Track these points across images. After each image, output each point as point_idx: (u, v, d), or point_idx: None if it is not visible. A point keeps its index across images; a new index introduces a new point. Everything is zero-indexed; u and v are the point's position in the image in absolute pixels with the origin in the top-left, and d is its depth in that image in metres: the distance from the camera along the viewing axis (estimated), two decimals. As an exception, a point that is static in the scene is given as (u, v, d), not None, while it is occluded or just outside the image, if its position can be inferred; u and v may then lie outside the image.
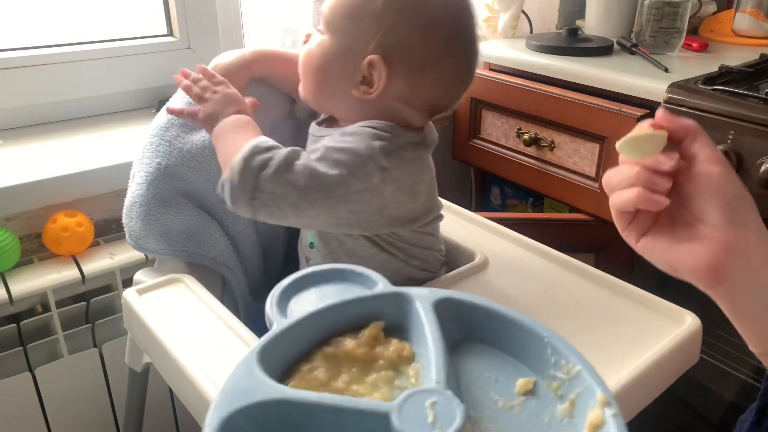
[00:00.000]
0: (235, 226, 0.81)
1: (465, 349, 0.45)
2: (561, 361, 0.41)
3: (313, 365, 0.43)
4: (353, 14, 0.65)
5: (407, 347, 0.44)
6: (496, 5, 1.41)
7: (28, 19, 1.10)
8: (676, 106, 1.01)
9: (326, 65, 0.68)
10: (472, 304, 0.45)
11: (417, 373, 0.42)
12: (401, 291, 0.46)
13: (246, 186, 0.62)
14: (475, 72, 0.71)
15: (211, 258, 0.78)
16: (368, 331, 0.45)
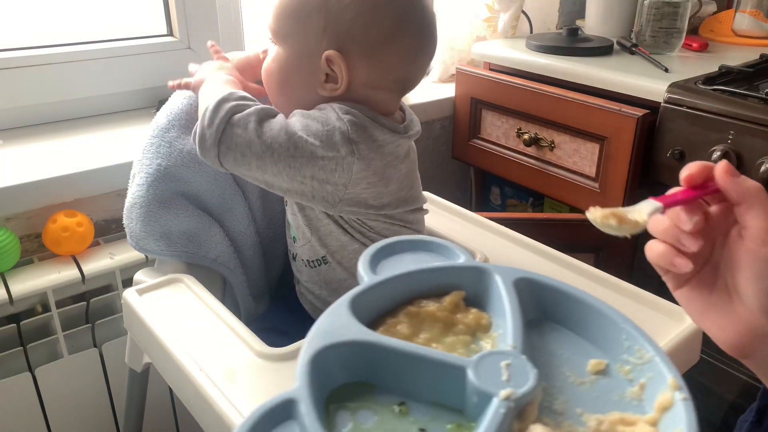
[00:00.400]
0: (235, 227, 0.81)
1: (540, 328, 0.47)
2: (635, 346, 0.43)
3: (398, 320, 0.45)
4: (297, 16, 0.66)
5: (486, 317, 0.46)
6: (496, 5, 1.41)
7: (28, 19, 1.10)
8: (676, 106, 1.01)
9: (287, 76, 0.69)
10: (551, 285, 0.48)
11: (493, 341, 0.44)
12: (484, 266, 0.49)
13: (217, 124, 0.63)
14: (436, 32, 0.70)
15: (211, 259, 0.78)
16: (450, 298, 0.47)
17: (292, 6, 0.66)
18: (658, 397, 0.39)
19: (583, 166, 1.15)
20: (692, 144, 1.00)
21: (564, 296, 0.47)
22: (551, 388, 0.42)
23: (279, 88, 0.70)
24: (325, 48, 0.65)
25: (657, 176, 1.07)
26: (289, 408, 0.35)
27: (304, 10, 0.65)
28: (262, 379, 0.58)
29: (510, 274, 0.48)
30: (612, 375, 0.43)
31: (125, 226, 0.76)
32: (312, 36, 0.65)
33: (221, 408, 0.54)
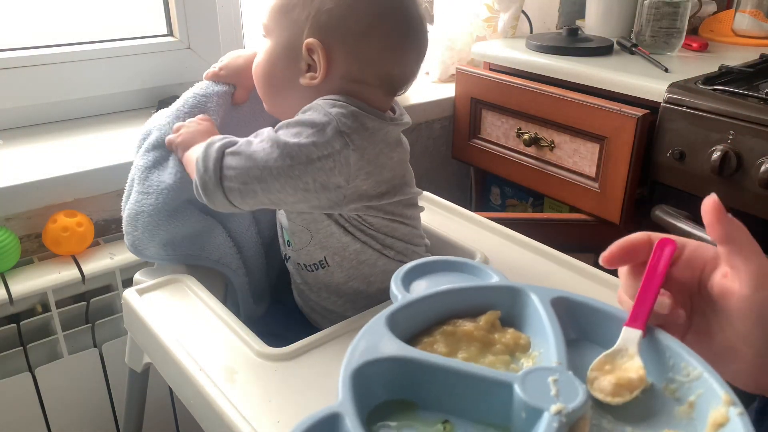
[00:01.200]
0: (237, 228, 0.81)
1: (579, 348, 0.46)
2: (681, 363, 0.42)
3: (434, 338, 0.45)
4: (283, 10, 0.68)
5: (524, 337, 0.46)
6: (496, 5, 1.41)
7: (28, 19, 1.10)
8: (676, 106, 1.01)
9: (272, 67, 0.70)
10: (589, 305, 0.47)
11: (534, 360, 0.43)
12: (518, 286, 0.48)
13: (213, 166, 0.64)
14: (424, 34, 0.71)
15: (214, 260, 0.78)
16: (485, 317, 0.46)
17: (279, 2, 0.68)
18: (710, 414, 0.38)
19: (583, 166, 1.15)
20: (692, 144, 1.00)
21: (602, 315, 0.46)
22: (597, 407, 0.41)
23: (265, 80, 0.72)
24: (306, 37, 0.66)
25: (657, 176, 1.07)
26: (334, 423, 0.34)
27: (289, 5, 0.67)
28: (262, 379, 0.58)
29: (546, 293, 0.47)
30: (658, 395, 0.42)
31: (126, 233, 0.76)
32: (296, 26, 0.67)
33: (221, 408, 0.54)
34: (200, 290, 0.71)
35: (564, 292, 0.47)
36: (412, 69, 0.71)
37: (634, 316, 0.45)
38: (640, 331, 0.44)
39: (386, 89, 0.70)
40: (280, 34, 0.69)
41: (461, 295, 0.47)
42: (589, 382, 0.42)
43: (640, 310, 0.45)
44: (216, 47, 1.21)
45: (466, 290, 0.48)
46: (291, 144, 0.62)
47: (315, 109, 0.65)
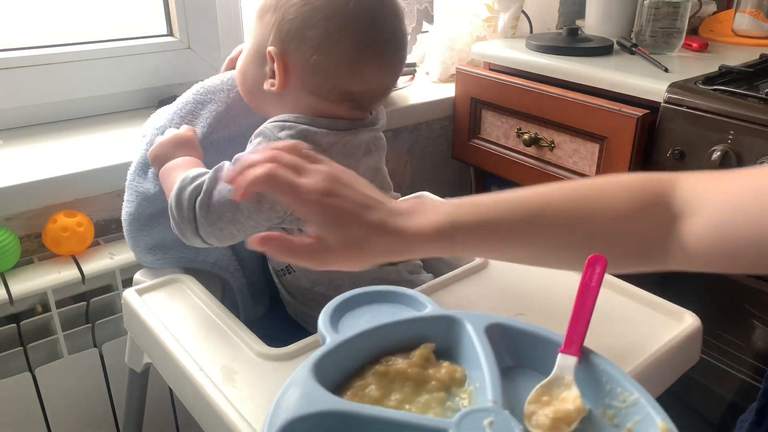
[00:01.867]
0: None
1: (515, 376, 0.45)
2: (617, 389, 0.41)
3: (366, 382, 0.43)
4: (259, 14, 0.69)
5: (459, 370, 0.44)
6: (496, 5, 1.41)
7: (28, 19, 1.10)
8: (676, 106, 1.01)
9: (245, 68, 0.72)
10: (523, 330, 0.45)
11: (470, 396, 0.42)
12: (452, 314, 0.46)
13: (187, 216, 0.64)
14: (394, 47, 0.69)
15: (210, 263, 0.78)
16: (419, 352, 0.45)
17: (258, 6, 0.69)
18: None
19: (583, 166, 1.15)
20: (692, 144, 1.00)
21: (537, 340, 0.45)
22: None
23: (240, 79, 0.73)
24: (269, 44, 0.67)
25: (657, 176, 1.07)
26: None
27: (264, 9, 0.68)
28: (262, 379, 0.58)
29: (481, 321, 0.45)
30: (596, 421, 0.41)
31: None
32: (266, 31, 0.68)
33: (221, 408, 0.54)
34: (200, 290, 0.71)
35: (498, 318, 0.46)
36: (379, 84, 0.69)
37: (568, 341, 0.44)
38: (575, 358, 0.43)
39: (350, 104, 0.69)
40: (255, 36, 0.70)
41: (392, 331, 0.45)
42: (527, 418, 0.41)
43: (574, 334, 0.44)
44: (216, 47, 1.21)
45: (398, 324, 0.46)
46: None
47: (263, 136, 0.66)
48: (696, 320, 0.67)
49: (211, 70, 0.82)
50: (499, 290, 0.73)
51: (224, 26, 1.21)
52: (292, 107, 0.69)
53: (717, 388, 1.11)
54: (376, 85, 0.69)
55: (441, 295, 0.72)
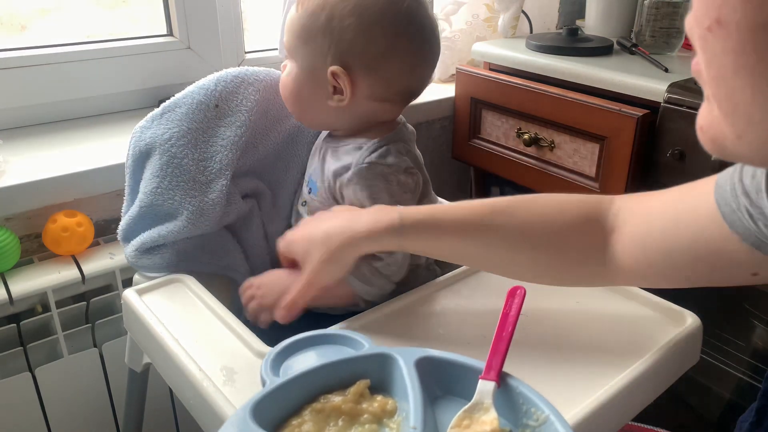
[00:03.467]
0: (249, 239, 0.82)
1: (444, 404, 0.48)
2: (531, 408, 0.45)
3: (303, 419, 0.46)
4: (305, 37, 0.71)
5: (391, 402, 0.47)
6: (496, 5, 1.41)
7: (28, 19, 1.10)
8: (676, 106, 1.01)
9: (299, 89, 0.75)
10: (449, 361, 0.49)
11: (398, 425, 0.45)
12: (385, 352, 0.50)
13: (381, 287, 0.72)
14: (437, 40, 0.75)
15: (222, 266, 0.78)
16: (354, 389, 0.48)
17: (299, 28, 0.72)
18: None
19: (583, 166, 1.15)
20: (692, 144, 1.00)
21: (460, 369, 0.48)
22: None
23: (293, 100, 0.76)
24: (329, 64, 0.71)
25: (657, 176, 1.07)
26: None
27: (310, 33, 0.71)
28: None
29: (411, 355, 0.49)
30: None
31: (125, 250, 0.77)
32: (318, 55, 0.71)
33: (221, 408, 0.54)
34: (200, 290, 0.71)
35: (428, 351, 0.49)
36: (429, 78, 0.77)
37: (488, 367, 0.47)
38: (493, 383, 0.46)
39: (406, 101, 0.77)
40: (304, 59, 0.73)
41: (329, 371, 0.49)
42: None
43: (494, 360, 0.47)
44: (216, 47, 1.21)
45: (334, 365, 0.49)
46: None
47: (382, 175, 0.71)
48: (696, 320, 0.67)
49: (211, 70, 0.82)
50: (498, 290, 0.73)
51: (224, 26, 1.21)
52: (356, 115, 0.74)
53: (717, 388, 1.11)
54: (427, 79, 0.77)
55: (445, 294, 0.72)
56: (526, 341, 0.64)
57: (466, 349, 0.60)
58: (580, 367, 0.60)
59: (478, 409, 0.46)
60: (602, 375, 0.59)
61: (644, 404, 0.62)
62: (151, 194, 0.75)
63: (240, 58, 1.26)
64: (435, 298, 0.72)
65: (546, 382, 0.58)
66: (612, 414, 0.56)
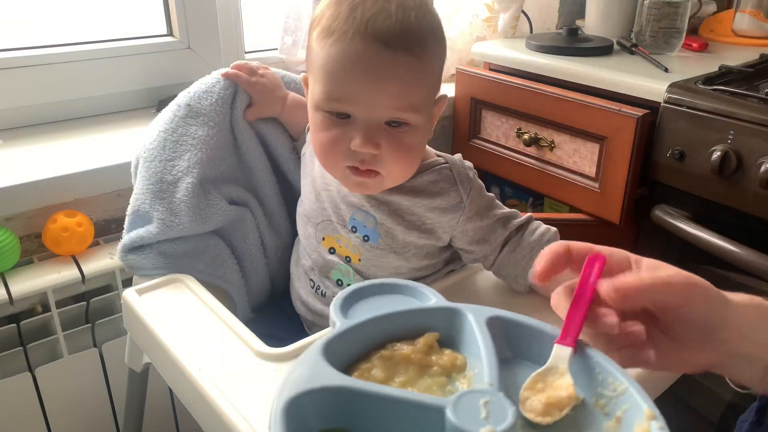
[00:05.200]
0: (242, 247, 0.81)
1: (514, 366, 0.47)
2: (608, 379, 0.43)
3: (372, 364, 0.45)
4: (436, 82, 0.67)
5: (460, 357, 0.46)
6: (496, 5, 1.41)
7: (28, 19, 1.10)
8: (676, 106, 1.01)
9: (422, 143, 0.68)
10: (522, 323, 0.48)
11: (469, 381, 0.44)
12: (455, 306, 0.49)
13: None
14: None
15: (218, 275, 0.78)
16: (423, 340, 0.47)
17: (430, 74, 0.66)
18: (635, 428, 0.40)
19: (583, 166, 1.15)
20: (692, 144, 1.00)
21: (535, 332, 0.47)
22: (528, 426, 0.42)
23: (417, 160, 0.69)
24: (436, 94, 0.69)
25: (657, 176, 1.07)
26: None
27: (437, 73, 0.68)
28: (261, 379, 0.58)
29: (482, 313, 0.48)
30: (589, 410, 0.43)
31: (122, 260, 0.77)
32: (435, 92, 0.69)
33: (221, 408, 0.54)
34: (200, 290, 0.71)
35: (499, 311, 0.48)
36: None
37: (564, 332, 0.46)
38: (570, 348, 0.45)
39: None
40: (427, 106, 0.66)
41: (398, 319, 0.48)
42: (522, 402, 0.43)
43: (571, 326, 0.46)
44: (216, 47, 1.21)
45: (403, 314, 0.48)
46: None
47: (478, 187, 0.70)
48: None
49: (211, 70, 0.82)
50: (498, 290, 0.73)
51: (224, 26, 1.21)
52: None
53: (717, 388, 1.11)
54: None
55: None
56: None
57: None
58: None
59: (553, 373, 0.44)
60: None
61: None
62: (133, 200, 0.76)
63: (240, 59, 1.26)
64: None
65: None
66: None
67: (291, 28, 1.25)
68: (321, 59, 0.62)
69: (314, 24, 0.65)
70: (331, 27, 0.61)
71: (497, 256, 0.71)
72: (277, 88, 0.82)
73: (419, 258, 0.72)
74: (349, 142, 0.63)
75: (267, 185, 0.84)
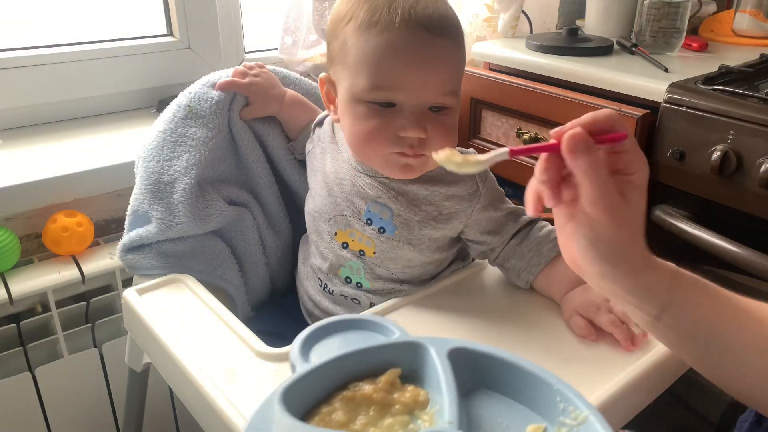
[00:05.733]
0: (243, 247, 0.81)
1: (477, 397, 0.47)
2: (569, 407, 0.43)
3: (333, 407, 0.45)
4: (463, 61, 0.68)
5: (423, 393, 0.46)
6: (496, 5, 1.41)
7: (28, 19, 1.10)
8: (676, 106, 1.01)
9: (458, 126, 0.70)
10: (484, 353, 0.48)
11: (431, 417, 0.44)
12: (417, 340, 0.48)
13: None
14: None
15: (217, 275, 0.78)
16: (385, 377, 0.47)
17: (460, 60, 0.68)
18: None
19: (583, 166, 1.15)
20: (692, 144, 1.00)
21: (497, 362, 0.47)
22: None
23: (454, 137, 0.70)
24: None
25: (657, 176, 1.07)
26: None
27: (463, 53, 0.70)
28: (261, 379, 0.58)
29: (444, 345, 0.47)
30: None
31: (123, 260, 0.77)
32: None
33: (221, 408, 0.54)
34: (200, 290, 0.71)
35: (462, 342, 0.48)
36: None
37: (520, 148, 0.46)
38: (507, 149, 0.46)
39: None
40: (460, 96, 0.69)
41: (360, 357, 0.47)
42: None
43: (527, 149, 0.48)
44: (216, 47, 1.21)
45: (365, 352, 0.48)
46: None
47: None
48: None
49: (210, 70, 0.82)
50: (498, 290, 0.73)
51: (224, 26, 1.21)
52: None
53: (717, 388, 1.11)
54: None
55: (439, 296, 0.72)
56: (523, 344, 0.64)
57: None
58: (575, 371, 0.60)
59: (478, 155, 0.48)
60: (603, 373, 0.59)
61: (644, 404, 0.62)
62: (132, 199, 0.76)
63: (240, 58, 1.26)
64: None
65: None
66: (605, 419, 0.57)
67: (291, 28, 1.25)
68: (364, 50, 0.63)
69: (345, 19, 0.65)
70: (372, 19, 0.62)
71: (503, 249, 0.72)
72: (273, 86, 0.82)
73: (432, 251, 0.72)
74: (395, 130, 0.64)
75: (266, 186, 0.84)
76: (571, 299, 0.67)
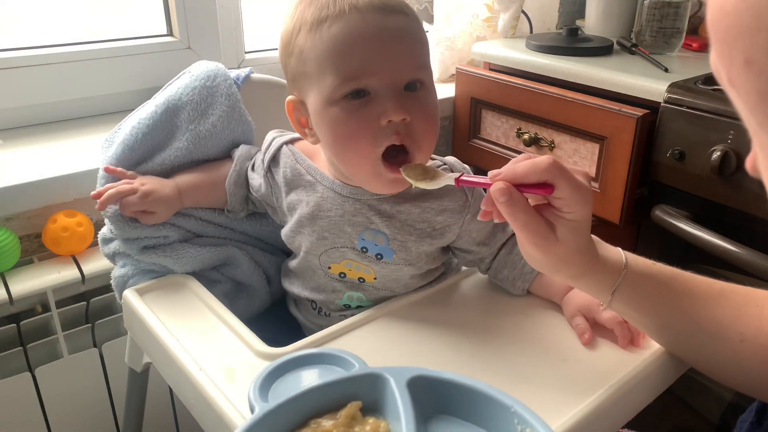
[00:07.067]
0: (241, 277, 0.81)
1: (437, 423, 0.48)
2: (527, 429, 0.44)
3: None
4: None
5: (383, 424, 0.47)
6: (496, 5, 1.41)
7: (28, 19, 1.10)
8: (676, 106, 1.01)
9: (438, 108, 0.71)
10: (443, 380, 0.48)
11: None
12: (376, 372, 0.49)
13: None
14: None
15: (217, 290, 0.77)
16: (345, 411, 0.47)
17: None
18: None
19: (583, 166, 1.15)
20: (692, 144, 1.00)
21: (455, 388, 0.48)
22: None
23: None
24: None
25: (657, 176, 1.07)
26: None
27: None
28: (262, 379, 0.58)
29: (403, 375, 0.48)
30: None
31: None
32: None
33: (221, 408, 0.54)
34: (200, 290, 0.71)
35: (421, 370, 0.49)
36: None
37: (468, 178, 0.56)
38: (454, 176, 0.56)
39: None
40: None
41: (320, 393, 0.48)
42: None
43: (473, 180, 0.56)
44: (216, 47, 1.21)
45: (324, 387, 0.48)
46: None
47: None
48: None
49: (211, 70, 0.82)
50: (498, 290, 0.73)
51: (224, 26, 1.21)
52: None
53: (716, 388, 1.11)
54: None
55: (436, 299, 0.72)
56: (521, 347, 0.64)
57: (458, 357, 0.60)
58: (575, 371, 0.60)
59: (436, 174, 0.60)
60: (603, 373, 0.59)
61: (644, 404, 0.62)
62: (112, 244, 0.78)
63: (240, 58, 1.26)
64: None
65: (547, 385, 0.58)
66: (605, 419, 0.57)
67: (291, 28, 1.25)
68: (323, 48, 0.61)
69: (294, 31, 0.63)
70: (321, 15, 0.61)
71: (493, 260, 0.71)
72: (161, 185, 0.75)
73: (428, 263, 0.71)
74: (376, 121, 0.61)
75: (242, 221, 0.82)
76: (572, 300, 0.67)
